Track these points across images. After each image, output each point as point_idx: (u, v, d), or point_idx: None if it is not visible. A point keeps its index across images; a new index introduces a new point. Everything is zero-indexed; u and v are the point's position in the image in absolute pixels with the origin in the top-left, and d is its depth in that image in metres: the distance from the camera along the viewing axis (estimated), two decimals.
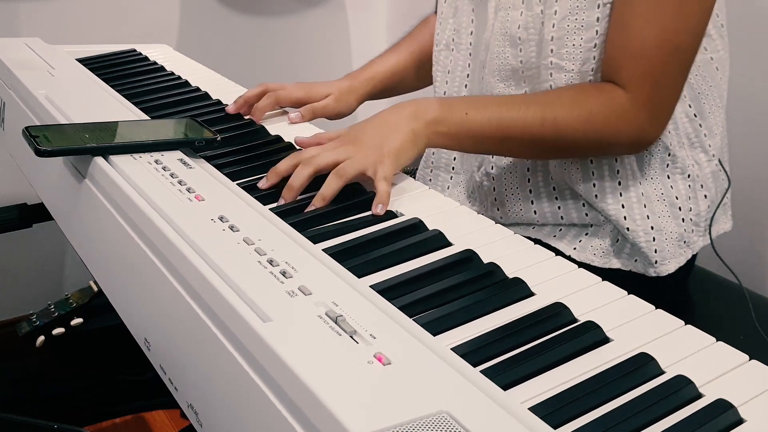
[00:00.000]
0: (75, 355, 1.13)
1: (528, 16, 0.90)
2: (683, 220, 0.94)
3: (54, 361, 1.13)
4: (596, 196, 0.93)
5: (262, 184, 0.80)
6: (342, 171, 0.78)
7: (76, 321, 1.11)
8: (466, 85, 1.03)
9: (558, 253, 0.70)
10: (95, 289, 1.14)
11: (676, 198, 0.94)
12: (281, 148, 0.92)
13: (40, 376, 1.13)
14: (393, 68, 1.13)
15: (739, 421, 0.49)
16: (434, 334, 0.55)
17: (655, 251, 0.92)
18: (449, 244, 0.70)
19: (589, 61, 0.88)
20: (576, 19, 0.86)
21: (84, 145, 0.78)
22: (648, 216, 0.92)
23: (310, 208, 0.76)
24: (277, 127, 0.99)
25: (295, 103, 1.05)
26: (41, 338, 1.09)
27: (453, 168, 1.08)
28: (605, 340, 0.57)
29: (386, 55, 1.15)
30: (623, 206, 0.92)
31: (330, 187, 0.77)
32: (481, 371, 0.51)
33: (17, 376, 1.12)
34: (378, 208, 0.75)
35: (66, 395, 1.12)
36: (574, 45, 0.87)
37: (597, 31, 0.86)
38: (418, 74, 1.14)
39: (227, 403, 0.54)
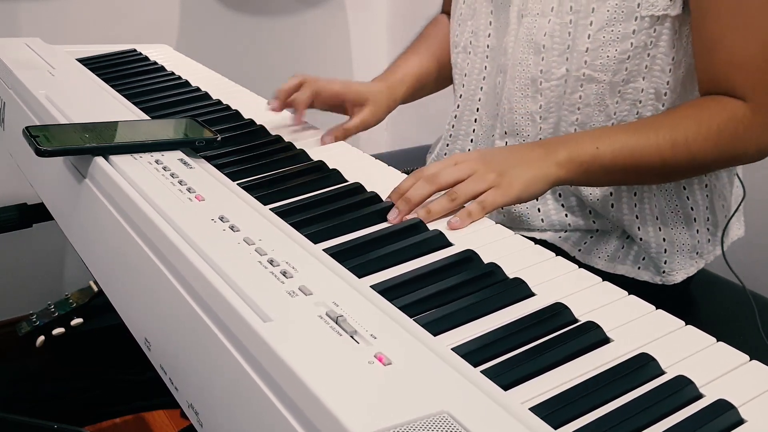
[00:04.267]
0: (75, 355, 1.13)
1: (555, 25, 0.88)
2: (698, 231, 0.94)
3: (54, 361, 1.12)
4: (612, 205, 0.92)
5: (392, 217, 0.74)
6: (454, 194, 0.76)
7: (76, 321, 1.11)
8: (481, 88, 1.01)
9: (561, 254, 0.70)
10: (95, 289, 1.13)
11: (692, 209, 0.93)
12: (282, 148, 0.92)
13: (40, 376, 1.13)
14: (419, 70, 1.08)
15: (740, 422, 0.49)
16: (435, 335, 0.55)
17: (665, 262, 0.92)
18: (449, 244, 0.70)
19: (621, 72, 0.87)
20: (612, 31, 0.85)
21: (84, 145, 0.78)
22: (660, 228, 0.92)
23: (412, 216, 0.74)
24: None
25: (334, 96, 1.00)
26: (41, 338, 1.09)
27: None
28: (606, 340, 0.57)
29: (407, 56, 1.10)
30: (637, 217, 0.92)
31: (441, 205, 0.75)
32: (481, 371, 0.51)
33: (17, 376, 1.12)
34: (452, 222, 0.73)
35: (66, 395, 1.12)
36: (608, 56, 0.86)
37: (632, 44, 0.85)
38: (439, 75, 1.10)
39: (227, 403, 0.53)
